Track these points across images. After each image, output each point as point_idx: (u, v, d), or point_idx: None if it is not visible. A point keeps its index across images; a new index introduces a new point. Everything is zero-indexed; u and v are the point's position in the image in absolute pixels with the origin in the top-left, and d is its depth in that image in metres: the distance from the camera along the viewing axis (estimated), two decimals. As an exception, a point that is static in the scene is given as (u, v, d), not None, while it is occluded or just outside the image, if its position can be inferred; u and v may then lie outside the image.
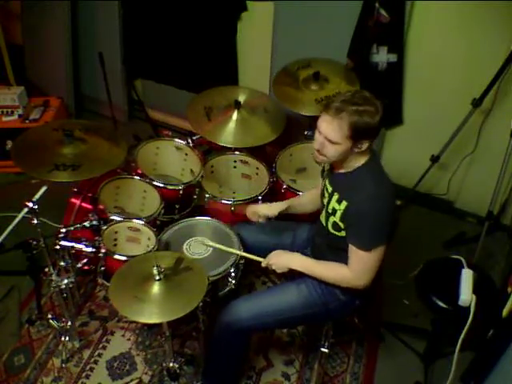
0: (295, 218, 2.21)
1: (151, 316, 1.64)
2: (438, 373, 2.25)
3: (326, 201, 1.82)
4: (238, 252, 2.05)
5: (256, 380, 2.25)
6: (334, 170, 1.81)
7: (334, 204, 1.75)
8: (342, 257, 1.75)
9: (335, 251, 1.78)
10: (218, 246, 2.07)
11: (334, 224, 1.76)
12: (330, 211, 1.78)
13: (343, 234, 1.74)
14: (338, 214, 1.73)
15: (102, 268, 2.13)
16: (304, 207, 2.12)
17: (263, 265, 1.93)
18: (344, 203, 1.70)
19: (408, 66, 2.84)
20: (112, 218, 2.20)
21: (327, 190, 1.82)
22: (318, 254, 1.95)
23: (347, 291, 1.81)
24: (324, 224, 1.84)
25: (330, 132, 1.61)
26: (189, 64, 3.44)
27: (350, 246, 1.71)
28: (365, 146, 1.64)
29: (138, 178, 2.42)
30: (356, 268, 1.73)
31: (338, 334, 2.29)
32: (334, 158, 1.69)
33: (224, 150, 2.64)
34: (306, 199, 2.13)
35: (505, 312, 1.90)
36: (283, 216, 2.12)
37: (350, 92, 1.64)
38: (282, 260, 1.88)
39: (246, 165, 2.65)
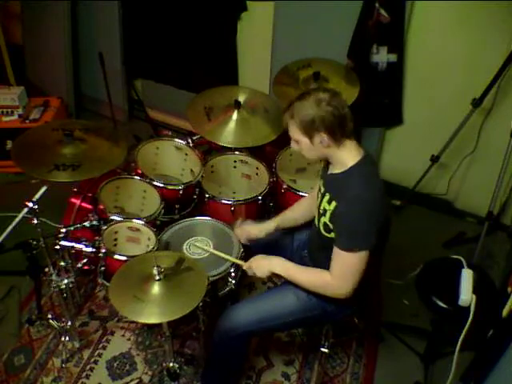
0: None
1: (151, 316, 1.64)
2: (438, 373, 2.25)
3: (318, 201, 1.82)
4: (228, 257, 2.04)
5: (256, 380, 2.25)
6: (327, 170, 1.80)
7: (324, 204, 1.75)
8: None
9: (329, 254, 1.76)
10: (211, 251, 2.09)
11: (325, 225, 1.75)
12: (321, 212, 1.78)
13: (333, 235, 1.72)
14: (328, 214, 1.72)
15: (102, 268, 2.13)
16: (297, 221, 2.09)
17: (244, 268, 1.92)
18: (333, 204, 1.70)
19: (408, 66, 2.84)
20: (112, 218, 2.20)
21: (320, 190, 1.82)
22: (313, 257, 1.95)
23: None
24: (316, 225, 1.83)
25: (290, 132, 1.72)
26: (189, 64, 3.44)
27: (334, 247, 1.69)
28: (325, 139, 1.63)
29: (138, 178, 2.42)
30: (337, 272, 1.69)
31: (337, 334, 2.30)
32: (309, 155, 1.74)
33: (224, 150, 2.64)
34: (297, 213, 2.10)
35: (505, 312, 1.90)
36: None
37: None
38: (262, 264, 1.86)
39: (245, 165, 2.65)
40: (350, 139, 1.67)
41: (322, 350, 2.18)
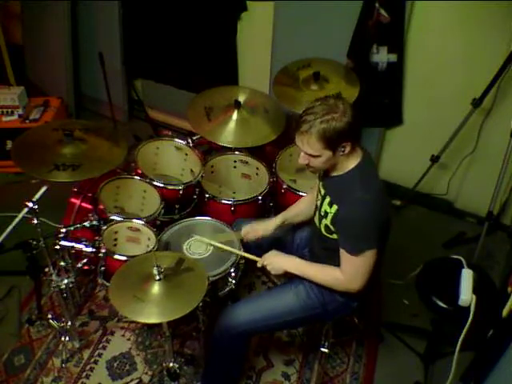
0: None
1: (151, 316, 1.64)
2: (438, 373, 2.25)
3: (318, 203, 1.82)
4: (236, 251, 2.05)
5: (256, 380, 2.25)
6: (327, 172, 1.80)
7: (325, 207, 1.75)
8: (337, 259, 1.74)
9: (330, 253, 1.77)
10: (215, 243, 2.08)
11: (326, 227, 1.76)
12: (322, 214, 1.78)
13: (335, 236, 1.73)
14: (329, 217, 1.72)
15: (102, 268, 2.13)
16: (301, 217, 2.09)
17: (259, 265, 1.92)
18: (335, 206, 1.70)
19: (408, 66, 2.84)
20: (112, 218, 2.20)
21: (320, 192, 1.82)
22: (314, 255, 1.95)
23: (345, 293, 1.81)
24: (317, 226, 1.84)
25: (307, 148, 1.64)
26: (189, 64, 3.44)
27: (340, 249, 1.71)
28: (348, 148, 1.62)
29: (138, 178, 2.42)
30: (348, 272, 1.72)
31: (338, 334, 2.30)
32: (323, 167, 1.72)
33: (224, 149, 2.64)
34: (300, 208, 2.10)
35: (505, 312, 1.90)
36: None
37: (313, 104, 1.63)
38: (277, 262, 1.88)
39: (246, 165, 2.65)
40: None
41: (322, 349, 2.19)
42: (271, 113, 2.61)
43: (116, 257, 2.06)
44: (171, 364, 2.01)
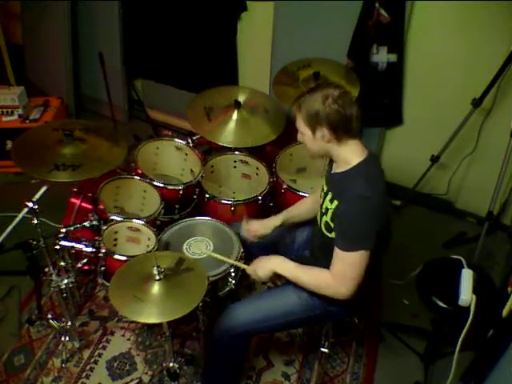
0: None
1: (151, 316, 1.64)
2: (438, 373, 2.25)
3: (321, 200, 1.82)
4: (229, 260, 2.02)
5: (256, 380, 2.25)
6: (332, 169, 1.80)
7: (327, 203, 1.74)
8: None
9: (328, 253, 1.75)
10: (211, 253, 2.07)
11: (326, 224, 1.75)
12: (323, 210, 1.77)
13: (334, 235, 1.71)
14: (330, 213, 1.72)
15: (102, 268, 2.13)
16: (301, 217, 2.09)
17: (248, 271, 1.88)
18: (335, 202, 1.69)
19: (408, 66, 2.84)
20: (112, 218, 2.20)
21: (323, 189, 1.82)
22: (314, 256, 1.95)
23: None
24: (318, 224, 1.83)
25: (297, 124, 1.71)
26: (189, 64, 3.44)
27: (334, 247, 1.67)
28: (327, 134, 1.64)
29: (138, 178, 2.42)
30: (337, 271, 1.66)
31: (338, 334, 2.30)
32: (311, 148, 1.73)
33: (224, 150, 2.65)
34: (302, 209, 2.09)
35: (505, 312, 1.90)
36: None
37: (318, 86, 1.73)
38: (263, 265, 1.83)
39: (246, 165, 2.65)
40: (354, 139, 1.67)
41: (322, 349, 2.19)
42: (271, 113, 2.62)
43: (116, 257, 2.06)
44: (171, 364, 2.01)
